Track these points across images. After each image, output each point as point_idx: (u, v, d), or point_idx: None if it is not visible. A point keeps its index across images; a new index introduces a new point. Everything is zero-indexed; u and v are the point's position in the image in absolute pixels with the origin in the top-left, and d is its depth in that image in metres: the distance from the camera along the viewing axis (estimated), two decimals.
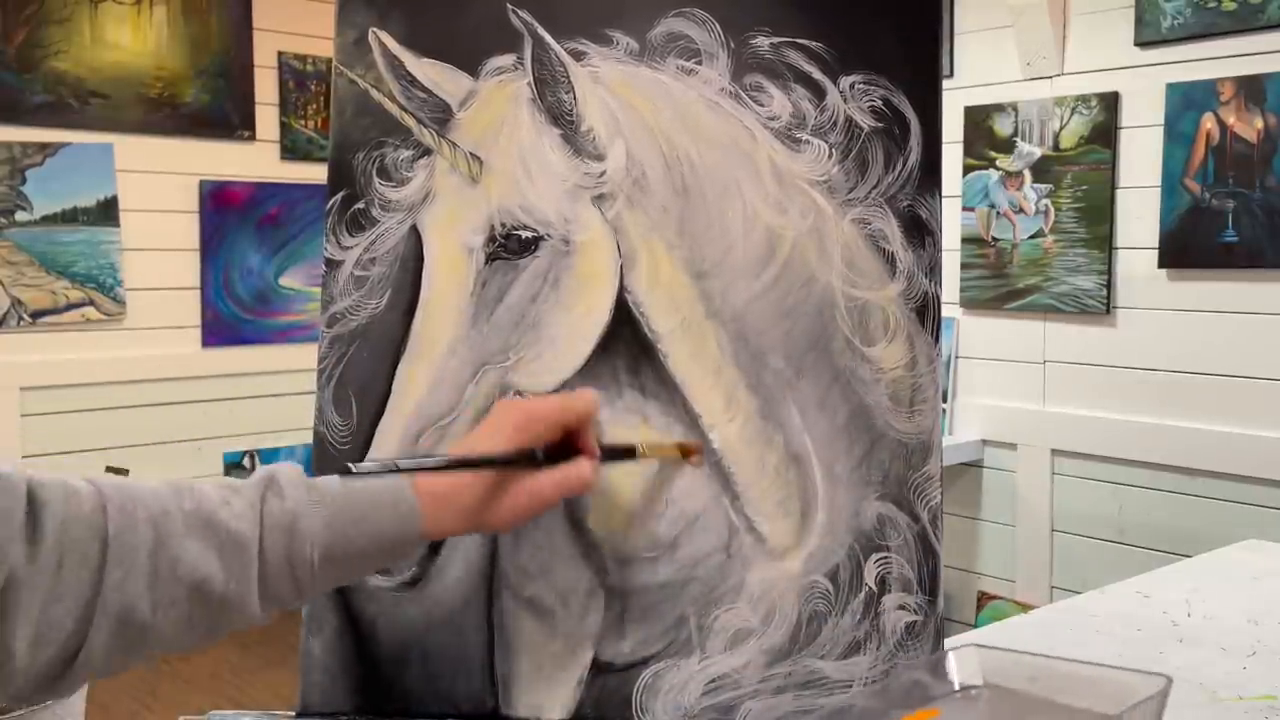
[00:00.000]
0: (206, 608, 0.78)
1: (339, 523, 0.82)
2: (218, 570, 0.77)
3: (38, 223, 3.65)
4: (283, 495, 0.81)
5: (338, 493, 0.84)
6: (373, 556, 0.85)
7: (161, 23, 3.85)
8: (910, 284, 1.04)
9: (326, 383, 1.08)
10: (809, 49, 1.05)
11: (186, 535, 0.77)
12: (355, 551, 0.83)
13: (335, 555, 0.82)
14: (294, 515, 0.81)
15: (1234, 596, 1.71)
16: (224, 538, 0.78)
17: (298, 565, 0.81)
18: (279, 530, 0.80)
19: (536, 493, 0.90)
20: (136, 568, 0.75)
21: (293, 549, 0.80)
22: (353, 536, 0.83)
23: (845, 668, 1.00)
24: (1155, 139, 3.02)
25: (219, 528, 0.78)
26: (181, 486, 0.80)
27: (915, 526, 1.02)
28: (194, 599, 0.77)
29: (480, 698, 1.03)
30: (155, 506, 0.77)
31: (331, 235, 1.10)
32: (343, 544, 0.82)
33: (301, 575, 0.81)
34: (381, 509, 0.84)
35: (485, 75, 1.08)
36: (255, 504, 0.80)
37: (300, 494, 0.82)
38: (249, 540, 0.79)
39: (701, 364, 1.03)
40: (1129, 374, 3.11)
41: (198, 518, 0.78)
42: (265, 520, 0.80)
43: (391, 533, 0.85)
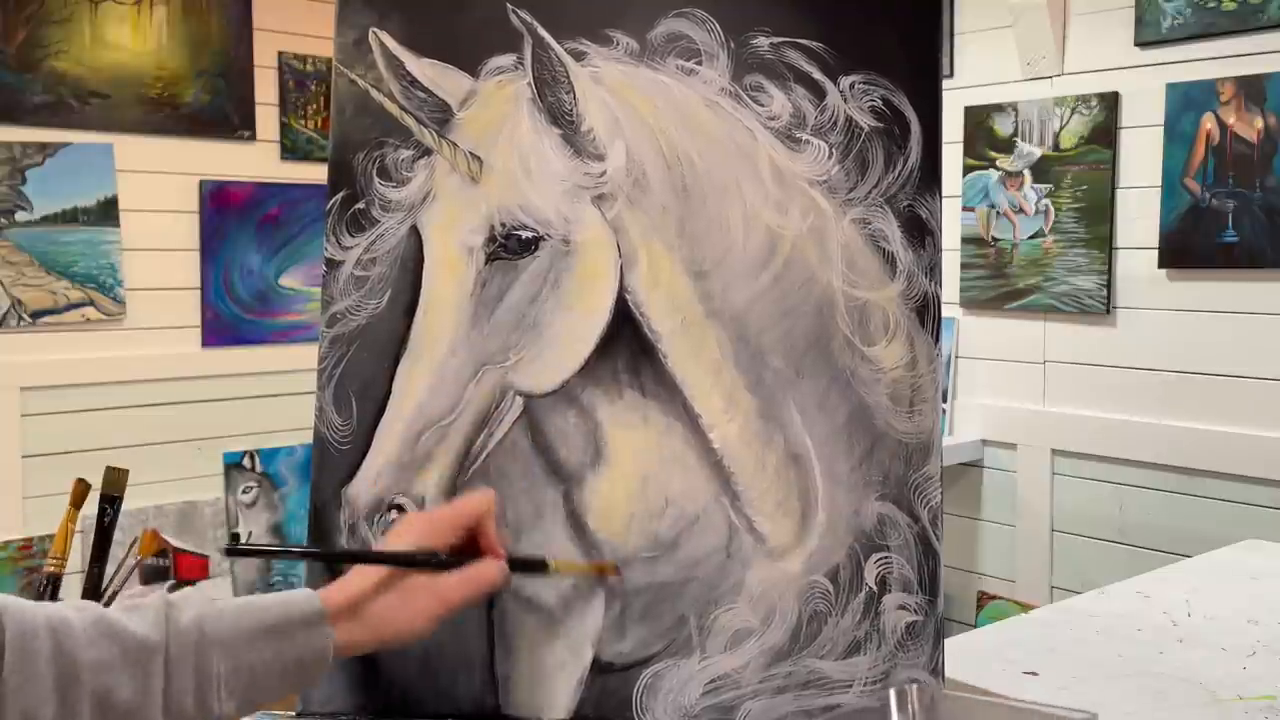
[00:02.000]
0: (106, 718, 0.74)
1: (247, 633, 0.79)
2: (123, 676, 0.74)
3: (38, 223, 3.65)
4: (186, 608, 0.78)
5: (243, 605, 0.81)
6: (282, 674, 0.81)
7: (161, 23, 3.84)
8: (910, 284, 1.04)
9: (327, 383, 1.08)
10: (809, 49, 1.05)
11: (88, 640, 0.74)
12: (264, 666, 0.79)
13: (244, 669, 0.78)
14: (201, 622, 0.78)
15: (1234, 596, 1.71)
16: (128, 643, 0.75)
17: (203, 677, 0.77)
18: (187, 636, 0.77)
19: (443, 594, 0.87)
20: (37, 674, 0.72)
21: (200, 659, 0.77)
22: (261, 648, 0.79)
23: (845, 668, 1.00)
24: (1155, 139, 3.01)
25: (122, 633, 0.75)
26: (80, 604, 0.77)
27: (915, 526, 1.02)
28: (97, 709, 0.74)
29: (480, 698, 1.03)
30: (54, 615, 0.74)
31: (332, 235, 1.10)
32: (251, 656, 0.79)
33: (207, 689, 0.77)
34: (291, 620, 0.81)
35: (485, 75, 1.08)
36: (159, 613, 0.78)
37: (205, 606, 0.79)
38: (154, 645, 0.76)
39: (701, 364, 1.03)
40: (1129, 374, 3.11)
41: (100, 625, 0.75)
42: (170, 627, 0.77)
43: (301, 645, 0.81)
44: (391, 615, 0.85)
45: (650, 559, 1.02)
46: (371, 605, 0.85)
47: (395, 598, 0.85)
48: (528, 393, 1.04)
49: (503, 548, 0.91)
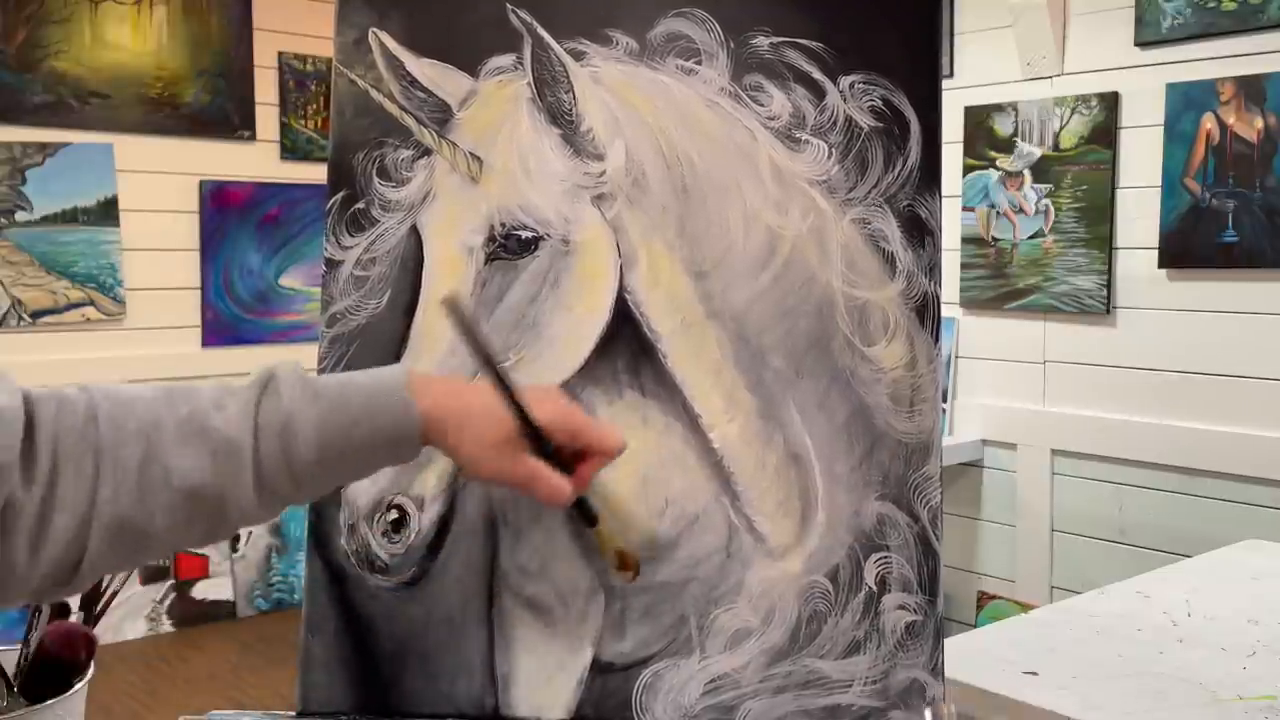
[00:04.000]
0: (203, 512, 0.78)
1: (335, 422, 0.82)
2: (211, 476, 0.78)
3: (38, 223, 3.65)
4: (279, 394, 0.81)
5: (335, 392, 0.83)
6: (369, 456, 0.85)
7: (161, 23, 3.85)
8: (910, 284, 1.04)
9: None
10: (809, 49, 1.05)
11: (178, 443, 0.77)
12: (352, 451, 0.83)
13: (331, 455, 0.82)
14: (289, 415, 0.81)
15: (1234, 596, 1.71)
16: (216, 443, 0.78)
17: (295, 465, 0.81)
18: (272, 433, 0.80)
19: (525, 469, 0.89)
20: (127, 481, 0.75)
21: (289, 450, 0.80)
22: (349, 436, 0.82)
23: (845, 667, 1.00)
24: (1155, 139, 3.01)
25: (211, 434, 0.78)
26: (175, 392, 0.80)
27: (915, 526, 1.02)
28: (189, 505, 0.77)
29: (480, 698, 1.03)
30: (146, 416, 0.77)
31: (331, 235, 1.10)
32: (339, 443, 0.82)
33: (299, 474, 0.81)
34: (378, 411, 0.84)
35: (485, 75, 1.08)
36: (250, 407, 0.80)
37: (296, 393, 0.82)
38: (242, 445, 0.79)
39: (701, 364, 1.03)
40: (1129, 374, 3.11)
41: (190, 425, 0.78)
42: (260, 421, 0.80)
43: (388, 433, 0.84)
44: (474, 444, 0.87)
45: (650, 559, 1.02)
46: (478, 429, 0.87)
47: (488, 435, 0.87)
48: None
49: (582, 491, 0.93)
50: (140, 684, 3.53)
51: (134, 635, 3.89)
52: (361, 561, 1.04)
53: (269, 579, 4.20)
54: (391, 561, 1.03)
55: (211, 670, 3.68)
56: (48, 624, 1.04)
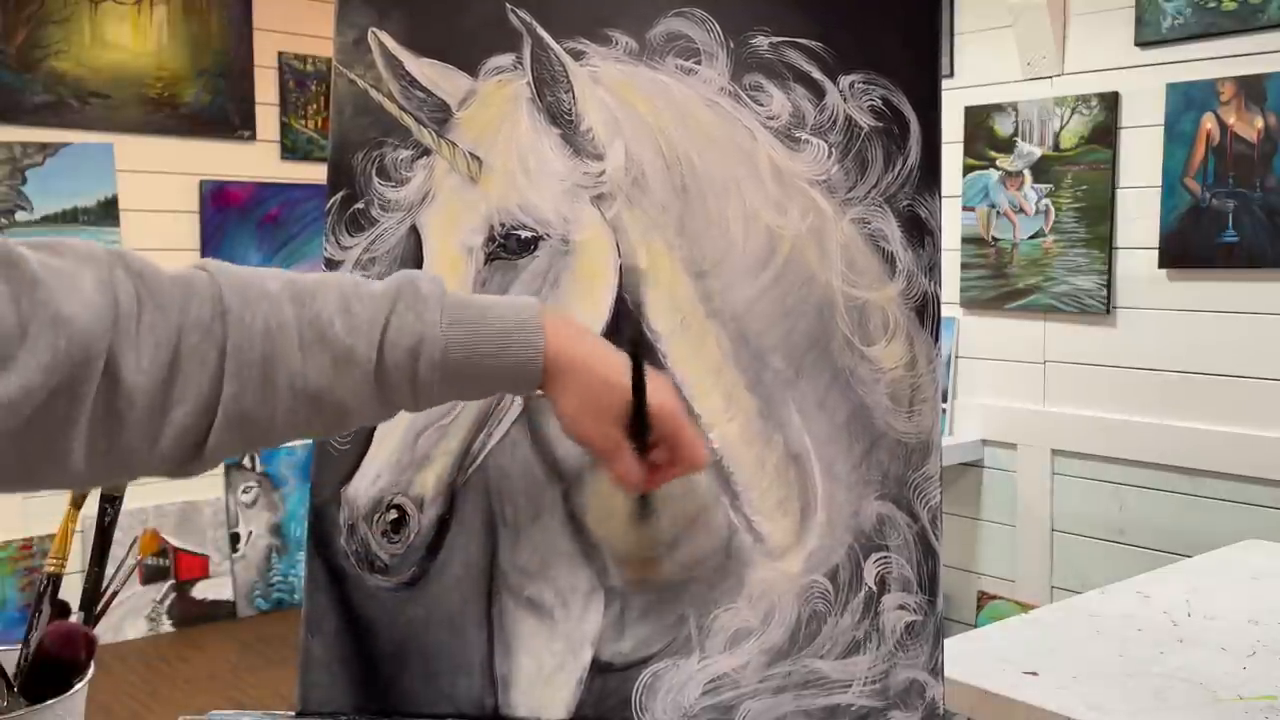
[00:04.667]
0: (324, 414, 0.79)
1: (464, 350, 0.82)
2: (332, 383, 0.78)
3: (38, 223, 3.65)
4: (414, 310, 0.81)
5: (470, 319, 0.83)
6: (490, 386, 0.86)
7: (161, 23, 3.84)
8: (910, 284, 1.03)
9: None
10: (808, 48, 1.05)
11: (301, 349, 0.77)
12: (474, 379, 0.84)
13: (454, 379, 0.82)
14: (419, 338, 0.81)
15: (1234, 596, 1.71)
16: (338, 352, 0.79)
17: (419, 384, 0.81)
18: (400, 350, 0.80)
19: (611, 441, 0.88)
20: (250, 381, 0.76)
21: (415, 369, 0.81)
22: (478, 366, 0.83)
23: (845, 667, 1.00)
24: (1155, 139, 3.01)
25: (334, 343, 0.79)
26: (303, 290, 0.80)
27: (915, 526, 1.02)
28: (311, 407, 0.78)
29: (480, 698, 1.03)
30: (273, 317, 0.77)
31: (331, 235, 1.10)
32: (464, 372, 0.82)
33: (421, 392, 0.82)
34: (508, 346, 0.84)
35: (484, 75, 1.08)
36: (379, 319, 0.80)
37: (431, 313, 0.81)
38: (363, 358, 0.79)
39: (701, 364, 1.03)
40: (1129, 374, 3.11)
41: (314, 330, 0.78)
42: (387, 336, 0.80)
43: (511, 369, 0.84)
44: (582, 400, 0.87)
45: (650, 559, 1.02)
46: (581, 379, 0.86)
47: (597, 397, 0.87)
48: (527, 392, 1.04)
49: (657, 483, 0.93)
50: (140, 684, 3.53)
51: (134, 635, 3.89)
52: (361, 561, 1.04)
53: (269, 579, 4.20)
54: (391, 561, 1.03)
55: (211, 670, 3.68)
56: (48, 624, 1.04)
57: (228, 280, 0.77)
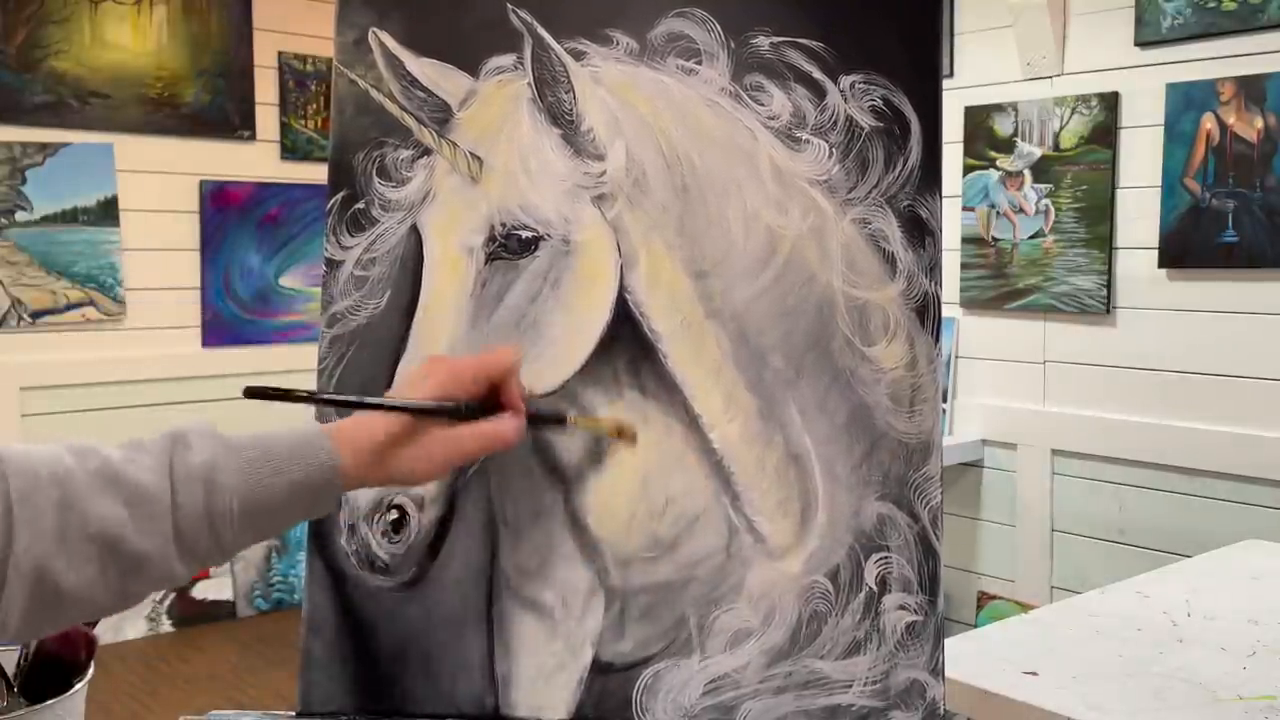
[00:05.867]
0: (121, 565, 0.75)
1: (257, 473, 0.80)
2: (128, 524, 0.75)
3: (38, 223, 3.65)
4: (192, 448, 0.79)
5: (252, 443, 0.82)
6: (292, 508, 0.83)
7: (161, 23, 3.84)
8: (910, 284, 1.03)
9: (327, 383, 1.08)
10: (809, 49, 1.05)
11: (93, 493, 0.75)
12: (275, 503, 0.81)
13: (255, 507, 0.80)
14: (210, 467, 0.79)
15: (1234, 596, 1.71)
16: (131, 492, 0.76)
17: (217, 517, 0.78)
18: (194, 481, 0.78)
19: (455, 443, 0.88)
20: (45, 529, 0.73)
21: (211, 501, 0.78)
22: (271, 486, 0.81)
23: (845, 668, 1.00)
24: (1155, 139, 3.01)
25: (126, 482, 0.76)
26: (82, 448, 0.78)
27: (915, 526, 1.02)
28: (106, 556, 0.75)
29: (480, 698, 1.03)
30: (58, 468, 0.75)
31: (331, 235, 1.10)
32: (262, 495, 0.80)
33: (221, 527, 0.79)
34: (299, 458, 0.82)
35: (485, 75, 1.08)
36: (163, 457, 0.78)
37: (214, 445, 0.80)
38: (158, 492, 0.77)
39: (701, 364, 1.03)
40: (1129, 374, 3.11)
41: (102, 475, 0.76)
42: (176, 473, 0.78)
43: (311, 481, 0.82)
44: (404, 455, 0.87)
45: (650, 559, 1.02)
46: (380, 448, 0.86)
47: (409, 440, 0.87)
48: (528, 392, 1.04)
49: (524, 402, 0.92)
50: (140, 684, 3.53)
51: (134, 635, 3.89)
52: (362, 561, 1.04)
53: (269, 579, 4.20)
54: (391, 561, 1.03)
55: (211, 670, 3.68)
56: None
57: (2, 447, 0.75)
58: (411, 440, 0.87)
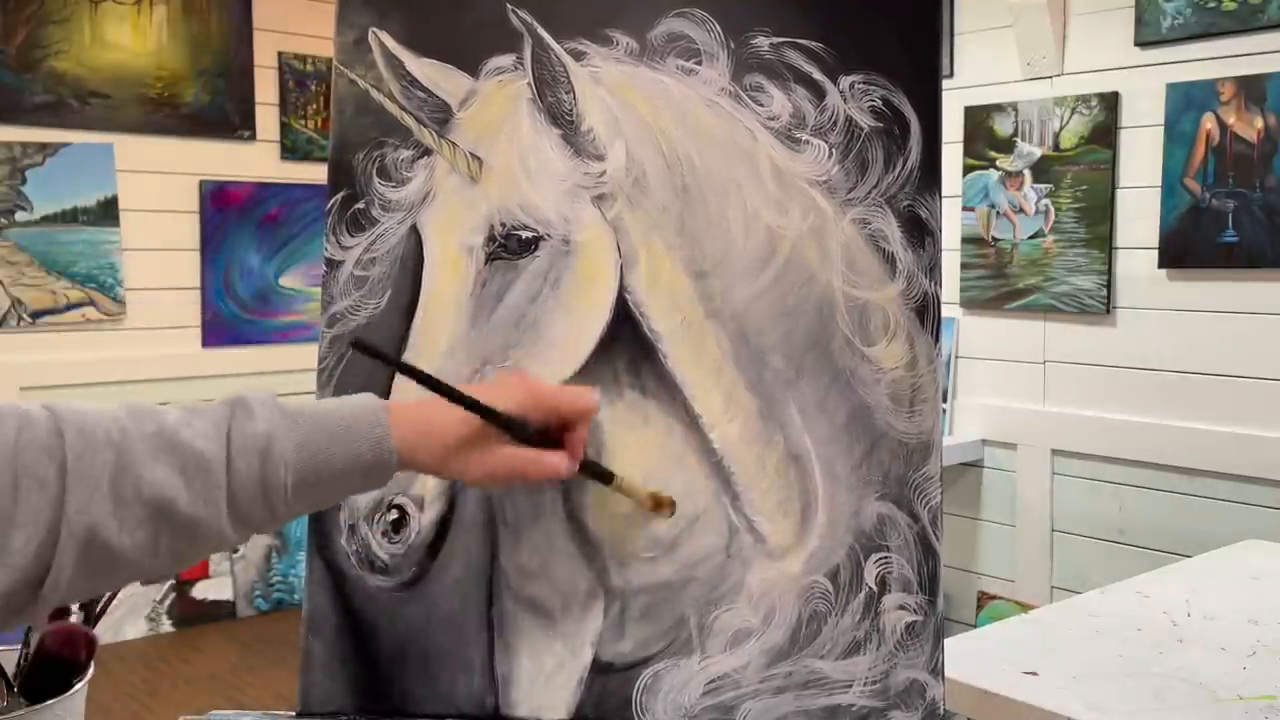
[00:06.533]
0: (173, 530, 0.75)
1: (313, 445, 0.80)
2: (182, 491, 0.75)
3: (38, 223, 3.65)
4: (254, 416, 0.79)
5: (311, 414, 0.82)
6: (347, 481, 0.83)
7: (161, 23, 3.85)
8: (910, 284, 1.03)
9: (326, 383, 1.08)
10: (809, 49, 1.05)
11: (149, 457, 0.75)
12: (329, 475, 0.81)
13: (309, 479, 0.80)
14: (267, 437, 0.79)
15: (1234, 596, 1.71)
16: (187, 459, 0.76)
17: (271, 488, 0.79)
18: (250, 452, 0.78)
19: (513, 460, 0.89)
20: (99, 491, 0.72)
21: (266, 471, 0.78)
22: (327, 459, 0.81)
23: (845, 668, 1.00)
24: (1155, 139, 3.01)
25: (182, 449, 0.76)
26: (141, 410, 0.77)
27: (915, 526, 1.02)
28: (159, 520, 0.75)
29: (480, 698, 1.03)
30: (114, 429, 0.75)
31: (331, 235, 1.10)
32: (317, 467, 0.80)
33: (275, 499, 0.79)
34: (356, 433, 0.82)
35: (485, 75, 1.08)
36: (221, 425, 0.78)
37: (273, 415, 0.80)
38: (214, 461, 0.77)
39: (701, 364, 1.03)
40: (1129, 374, 3.11)
41: (159, 439, 0.76)
42: (234, 441, 0.78)
43: (366, 457, 0.82)
44: (468, 458, 0.87)
45: (650, 559, 1.02)
46: (440, 437, 0.86)
47: (466, 441, 0.87)
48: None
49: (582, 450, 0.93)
50: (140, 684, 3.53)
51: (134, 635, 3.89)
52: (362, 562, 1.04)
53: (269, 579, 4.20)
54: (391, 562, 1.03)
55: (211, 670, 3.68)
56: (48, 624, 1.04)
57: (63, 404, 0.75)
58: (477, 445, 0.88)
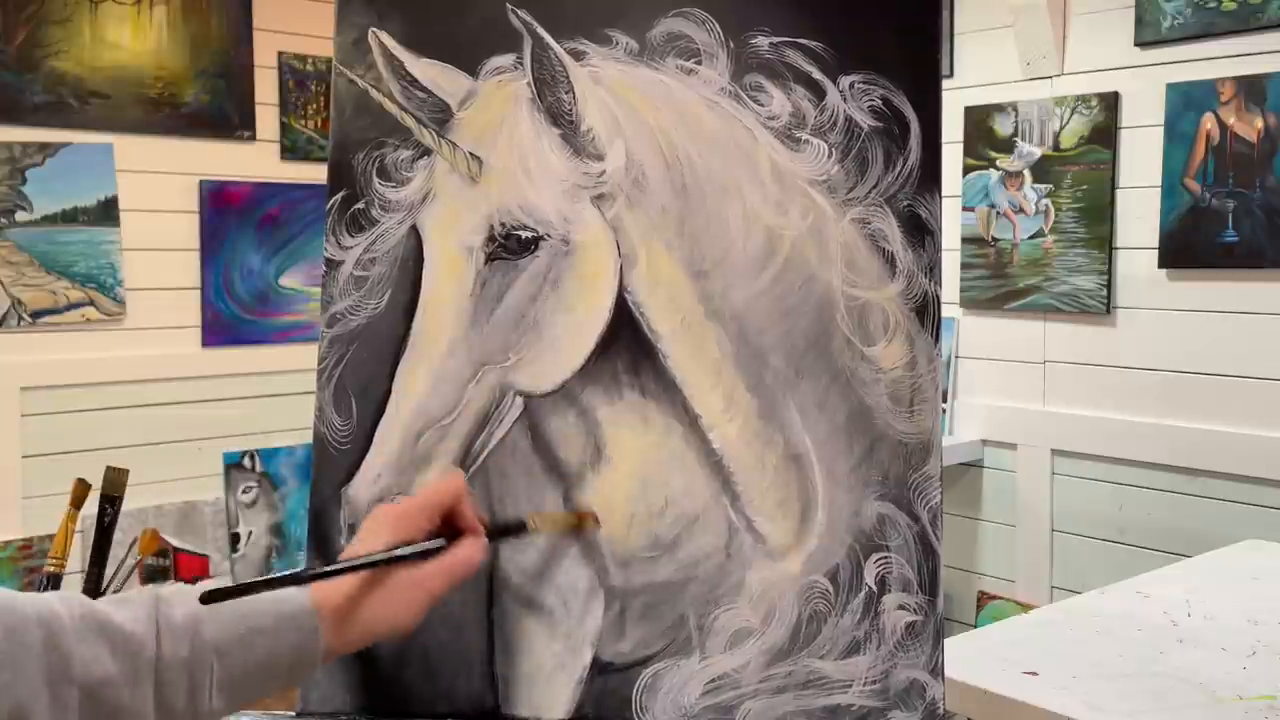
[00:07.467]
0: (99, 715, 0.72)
1: (240, 632, 0.78)
2: (114, 672, 0.73)
3: (38, 223, 3.65)
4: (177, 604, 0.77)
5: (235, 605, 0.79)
6: (273, 674, 0.80)
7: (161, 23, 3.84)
8: (910, 284, 1.03)
9: (326, 383, 1.08)
10: (809, 49, 1.05)
11: (78, 636, 0.72)
12: (256, 666, 0.78)
13: (236, 668, 0.77)
14: (195, 619, 0.76)
15: (1234, 596, 1.71)
16: (118, 639, 0.74)
17: (197, 674, 0.76)
18: (180, 634, 0.76)
19: (426, 584, 0.84)
20: (29, 668, 0.70)
21: (194, 657, 0.76)
22: (254, 648, 0.78)
23: (845, 668, 1.00)
24: (1155, 139, 3.01)
25: (112, 629, 0.74)
26: (66, 596, 0.76)
27: (915, 526, 1.02)
28: (86, 705, 0.72)
29: (480, 698, 1.03)
30: (43, 608, 0.73)
31: (331, 235, 1.10)
32: (244, 656, 0.77)
33: (200, 688, 0.76)
34: (283, 621, 0.79)
35: (485, 75, 1.08)
36: (150, 610, 0.76)
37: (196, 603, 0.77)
38: (144, 642, 0.74)
39: (702, 364, 1.03)
40: (1129, 374, 3.11)
41: (89, 620, 0.73)
42: (161, 624, 0.75)
43: (294, 645, 0.80)
44: (379, 612, 0.83)
45: (650, 559, 1.02)
46: (359, 604, 0.83)
47: (380, 594, 0.83)
48: (528, 393, 1.04)
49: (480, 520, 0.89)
50: None
51: None
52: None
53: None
54: None
55: None
56: None
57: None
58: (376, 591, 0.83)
